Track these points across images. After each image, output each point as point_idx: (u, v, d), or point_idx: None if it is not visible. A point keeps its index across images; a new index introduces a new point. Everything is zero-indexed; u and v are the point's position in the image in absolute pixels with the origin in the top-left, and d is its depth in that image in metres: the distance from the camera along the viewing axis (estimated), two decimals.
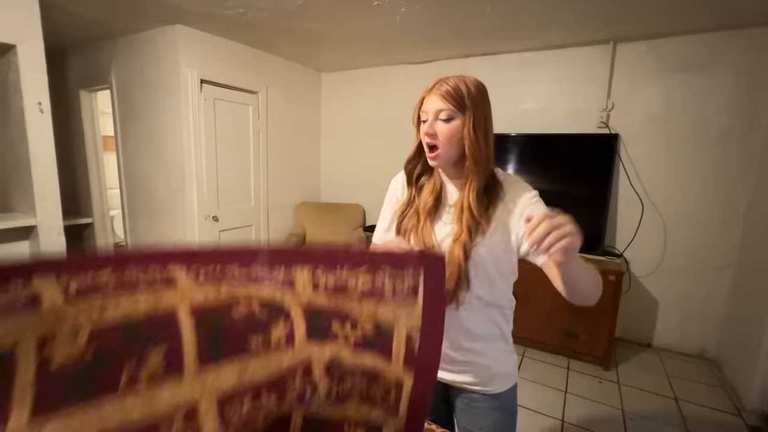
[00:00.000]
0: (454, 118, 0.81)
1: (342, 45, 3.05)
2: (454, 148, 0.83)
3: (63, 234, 2.23)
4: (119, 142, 3.18)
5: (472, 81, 0.84)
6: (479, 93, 0.83)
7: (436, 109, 0.82)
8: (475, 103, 0.81)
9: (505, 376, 0.93)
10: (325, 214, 3.83)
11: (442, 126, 0.82)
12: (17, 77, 2.00)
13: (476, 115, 0.81)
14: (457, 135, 0.82)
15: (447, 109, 0.81)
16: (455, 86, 0.81)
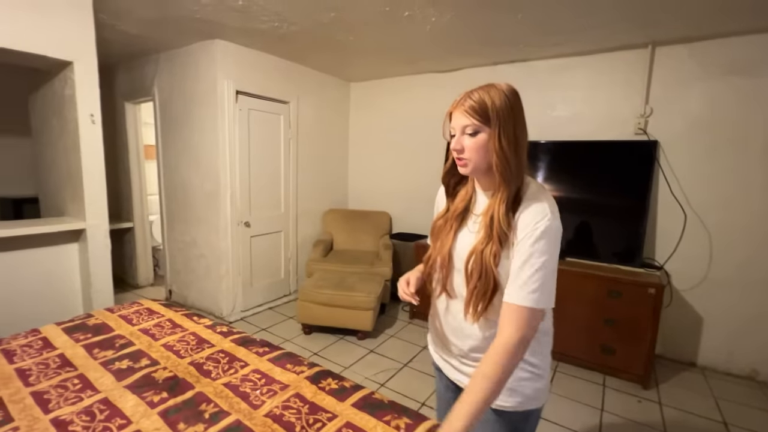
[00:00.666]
0: (479, 132, 0.82)
1: (370, 55, 3.10)
2: (483, 160, 0.84)
3: (109, 237, 2.37)
4: (160, 151, 3.35)
5: (500, 91, 0.82)
6: (507, 103, 0.81)
7: (462, 125, 0.84)
8: (501, 115, 0.80)
9: (523, 396, 0.89)
10: (352, 221, 3.87)
11: (468, 141, 0.84)
12: (73, 91, 2.16)
13: (503, 127, 0.80)
14: (484, 148, 0.83)
15: (472, 124, 0.82)
16: (479, 100, 0.82)
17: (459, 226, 0.93)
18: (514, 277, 0.79)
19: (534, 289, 0.77)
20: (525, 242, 0.78)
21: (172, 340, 1.36)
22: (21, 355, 1.22)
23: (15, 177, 3.50)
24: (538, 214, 0.80)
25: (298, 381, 1.13)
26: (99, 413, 0.96)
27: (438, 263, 0.94)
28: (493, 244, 0.82)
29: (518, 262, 0.78)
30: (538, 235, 0.78)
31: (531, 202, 0.82)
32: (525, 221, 0.80)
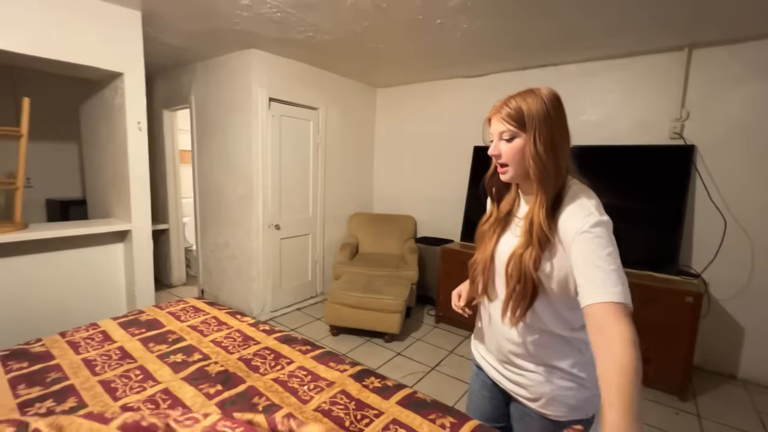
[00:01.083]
0: (516, 137, 0.84)
1: (398, 61, 3.15)
2: (520, 165, 0.85)
3: (151, 238, 2.49)
4: (195, 156, 3.49)
5: (538, 97, 0.83)
6: (544, 108, 0.82)
7: (499, 131, 0.87)
8: (537, 120, 0.81)
9: (566, 406, 0.88)
10: (377, 224, 3.91)
11: (505, 146, 0.86)
12: (122, 101, 2.29)
13: (538, 132, 0.81)
14: (520, 153, 0.84)
15: (507, 130, 0.84)
16: (516, 107, 0.83)
17: (503, 230, 0.94)
18: (588, 281, 0.73)
19: (614, 283, 0.71)
20: (581, 244, 0.75)
21: (220, 336, 1.43)
22: (85, 347, 1.31)
23: (62, 180, 3.72)
24: (581, 212, 0.78)
25: (342, 379, 1.17)
26: (162, 402, 1.03)
27: (480, 267, 0.96)
28: (533, 248, 0.81)
29: (583, 264, 0.74)
30: (594, 232, 0.74)
31: (571, 203, 0.81)
32: (568, 223, 0.79)
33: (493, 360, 0.99)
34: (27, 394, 1.04)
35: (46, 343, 1.33)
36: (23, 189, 2.11)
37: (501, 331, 0.93)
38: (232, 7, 2.16)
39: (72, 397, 1.04)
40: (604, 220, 0.77)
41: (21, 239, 1.97)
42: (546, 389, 0.88)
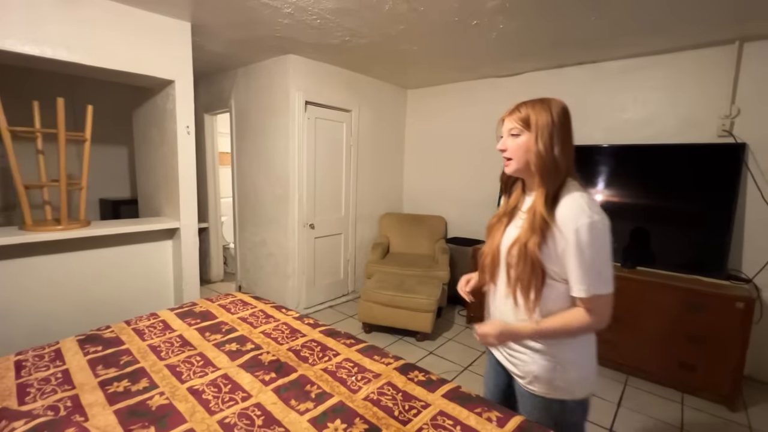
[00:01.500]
0: (521, 135, 0.95)
1: (431, 63, 3.18)
2: (522, 159, 0.96)
3: (197, 235, 2.64)
4: (234, 157, 3.65)
5: (547, 106, 0.94)
6: (549, 115, 0.93)
7: (508, 128, 0.98)
8: (541, 123, 0.92)
9: (550, 385, 0.97)
10: (407, 225, 3.95)
11: (511, 142, 0.97)
12: (173, 106, 2.44)
13: (540, 132, 0.92)
14: (523, 148, 0.95)
15: (515, 128, 0.96)
16: (525, 112, 0.95)
17: (508, 223, 1.03)
18: (573, 275, 0.88)
19: (584, 280, 0.87)
20: (572, 241, 0.87)
21: (269, 328, 1.51)
22: (149, 334, 1.43)
23: (113, 181, 3.98)
24: (576, 209, 0.88)
25: (388, 371, 1.22)
26: (223, 386, 1.11)
27: (489, 257, 1.04)
28: (535, 235, 0.90)
29: (573, 260, 0.87)
30: (583, 232, 0.86)
31: (568, 198, 0.91)
32: (565, 215, 0.89)
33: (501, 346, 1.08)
34: (105, 374, 1.15)
35: (115, 330, 1.45)
36: (86, 189, 2.29)
37: (501, 315, 1.03)
38: (275, 16, 2.26)
39: (144, 378, 1.14)
40: (596, 220, 0.87)
41: (86, 235, 2.14)
42: (532, 368, 0.98)
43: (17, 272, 2.03)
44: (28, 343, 1.93)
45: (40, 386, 1.08)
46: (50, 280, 2.13)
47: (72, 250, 2.20)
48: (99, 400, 1.03)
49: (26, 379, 1.12)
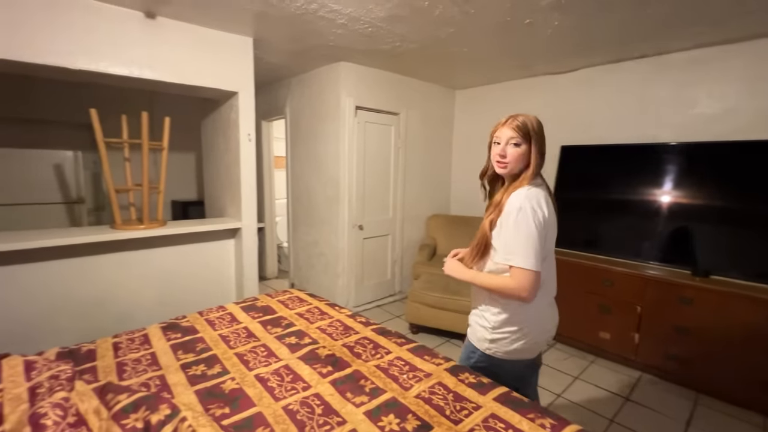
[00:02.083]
0: (521, 144, 1.14)
1: (481, 63, 3.14)
2: (517, 165, 1.16)
3: (257, 235, 2.83)
4: (289, 161, 3.86)
5: (534, 120, 1.17)
6: (539, 128, 1.16)
7: (508, 137, 1.15)
8: (536, 135, 1.15)
9: (472, 331, 1.29)
10: (454, 226, 3.93)
11: (512, 149, 1.15)
12: (237, 116, 2.65)
13: (536, 143, 1.15)
14: (521, 156, 1.15)
15: (515, 137, 1.14)
16: (523, 122, 1.14)
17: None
18: (501, 247, 1.13)
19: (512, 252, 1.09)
20: (505, 222, 1.12)
21: (323, 324, 1.60)
22: (219, 325, 1.58)
23: (183, 184, 4.38)
24: (516, 197, 1.11)
25: (438, 371, 1.25)
26: (285, 376, 1.21)
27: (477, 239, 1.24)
28: (492, 214, 1.16)
29: (503, 235, 1.12)
30: (513, 215, 1.09)
31: (519, 190, 1.13)
32: (509, 201, 1.13)
33: None
34: (185, 359, 1.30)
35: (190, 320, 1.62)
36: (163, 193, 2.56)
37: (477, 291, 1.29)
38: (329, 27, 2.37)
39: (217, 364, 1.27)
40: (526, 207, 1.09)
41: (163, 234, 2.39)
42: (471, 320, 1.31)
43: (109, 265, 2.32)
44: (119, 327, 2.20)
45: (134, 365, 1.25)
46: (134, 273, 2.41)
47: (151, 247, 2.47)
48: (182, 380, 1.16)
49: (122, 358, 1.29)
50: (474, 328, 1.27)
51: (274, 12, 2.17)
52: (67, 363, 1.21)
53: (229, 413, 1.01)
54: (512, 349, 1.18)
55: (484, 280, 1.16)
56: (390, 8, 2.10)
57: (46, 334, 2.08)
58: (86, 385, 1.05)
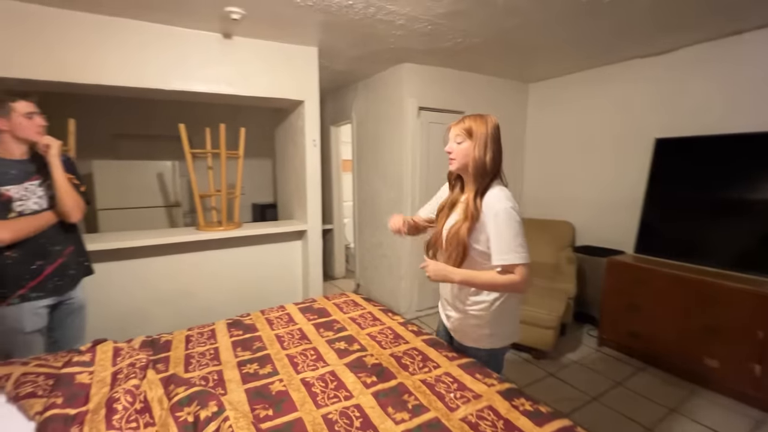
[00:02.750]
0: (463, 142, 1.22)
1: (556, 52, 2.86)
2: (463, 161, 1.23)
3: (321, 237, 2.94)
4: (355, 164, 3.95)
5: (484, 121, 1.22)
6: (485, 129, 1.20)
7: (454, 135, 1.25)
8: (479, 135, 1.20)
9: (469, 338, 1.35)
10: (527, 230, 3.58)
11: (456, 146, 1.24)
12: (303, 123, 2.78)
13: (478, 142, 1.20)
14: (464, 152, 1.22)
15: (459, 135, 1.23)
16: (468, 124, 1.22)
17: (451, 211, 1.31)
18: (494, 248, 1.16)
19: (506, 251, 1.14)
20: (492, 223, 1.16)
21: (374, 331, 1.58)
22: (277, 325, 1.65)
23: (262, 188, 4.76)
24: (495, 199, 1.17)
25: (489, 393, 1.14)
26: (330, 382, 1.21)
27: (434, 238, 1.34)
28: (467, 221, 1.19)
29: (493, 237, 1.16)
30: (500, 216, 1.14)
31: (492, 191, 1.20)
32: (488, 203, 1.18)
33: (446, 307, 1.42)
34: (242, 356, 1.38)
35: (253, 318, 1.73)
36: (240, 197, 2.79)
37: (442, 287, 1.40)
38: (389, 29, 2.35)
39: (269, 364, 1.32)
40: (509, 206, 1.15)
41: (238, 235, 2.61)
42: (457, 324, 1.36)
43: (195, 262, 2.60)
44: (202, 317, 2.45)
45: (199, 359, 1.36)
46: (214, 270, 2.67)
47: (228, 247, 2.71)
48: (236, 377, 1.24)
49: (191, 351, 1.42)
50: (464, 331, 1.35)
51: (335, 20, 2.22)
52: (146, 352, 1.37)
53: (272, 415, 1.04)
54: (509, 333, 1.32)
55: (485, 279, 1.18)
56: (449, 3, 2.01)
57: (141, 323, 2.40)
58: (156, 375, 1.17)
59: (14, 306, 1.47)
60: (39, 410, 1.02)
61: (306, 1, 1.98)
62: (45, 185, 1.54)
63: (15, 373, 1.17)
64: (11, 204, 1.44)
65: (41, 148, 1.50)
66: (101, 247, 2.15)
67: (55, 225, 1.55)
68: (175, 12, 2.11)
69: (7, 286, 1.45)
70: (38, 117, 1.50)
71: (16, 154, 1.50)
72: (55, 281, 1.56)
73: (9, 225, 1.41)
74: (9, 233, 1.40)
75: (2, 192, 1.42)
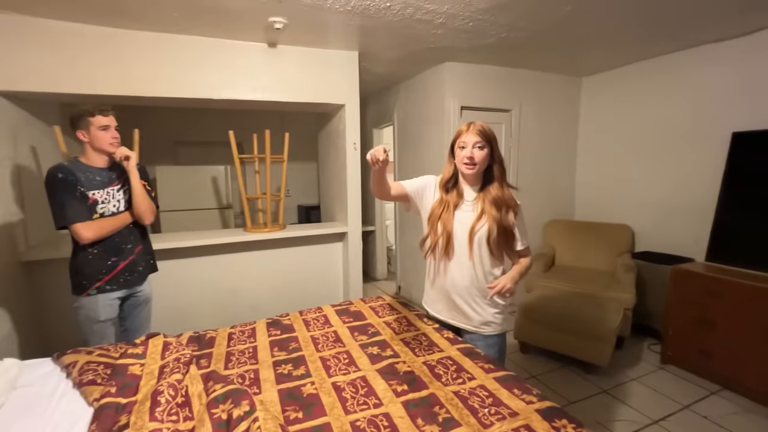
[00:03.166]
0: (484, 147, 1.32)
1: (611, 40, 2.64)
2: (483, 165, 1.34)
3: (361, 239, 2.96)
4: (396, 166, 3.94)
5: (489, 127, 1.34)
6: (494, 134, 1.34)
7: (473, 141, 1.31)
8: (494, 140, 1.34)
9: (493, 326, 1.46)
10: (579, 234, 3.40)
11: (477, 152, 1.32)
12: (344, 126, 2.82)
13: (495, 146, 1.35)
14: (486, 157, 1.33)
15: (480, 141, 1.31)
16: (483, 128, 1.32)
17: (455, 209, 1.39)
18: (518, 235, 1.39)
19: (526, 236, 1.42)
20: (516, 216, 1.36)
21: (408, 336, 1.55)
22: (313, 326, 1.68)
23: (306, 190, 4.90)
24: (514, 196, 1.39)
25: (527, 412, 1.06)
26: (360, 388, 1.20)
27: (445, 236, 1.38)
28: (507, 213, 1.35)
29: (517, 226, 1.38)
30: (520, 209, 1.39)
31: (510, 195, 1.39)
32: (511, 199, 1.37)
33: (441, 305, 1.57)
34: (278, 356, 1.42)
35: (291, 318, 1.77)
36: (284, 199, 2.89)
37: (461, 278, 1.41)
38: (428, 29, 2.31)
39: (303, 365, 1.34)
40: (519, 204, 1.39)
41: (281, 236, 2.70)
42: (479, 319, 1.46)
43: (242, 262, 2.73)
44: (246, 314, 2.57)
45: (239, 356, 1.42)
46: (260, 269, 2.79)
47: (273, 248, 2.81)
48: (270, 377, 1.27)
49: (232, 348, 1.48)
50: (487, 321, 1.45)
51: (373, 23, 2.22)
52: (192, 347, 1.45)
53: (302, 418, 1.05)
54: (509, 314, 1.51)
55: (523, 268, 1.43)
56: None
57: (195, 317, 2.57)
58: (197, 370, 1.23)
59: (92, 297, 1.65)
60: (96, 397, 1.11)
61: (345, 6, 2.00)
62: (122, 190, 1.73)
63: (80, 361, 1.29)
64: (96, 206, 1.63)
65: (120, 158, 1.68)
66: (163, 246, 2.33)
67: (127, 225, 1.73)
68: (224, 26, 2.23)
69: (87, 278, 1.64)
70: (113, 130, 1.67)
71: (99, 163, 1.69)
72: (125, 276, 1.73)
73: (93, 225, 1.60)
74: (92, 232, 1.59)
75: (89, 196, 1.61)
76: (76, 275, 1.65)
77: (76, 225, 1.55)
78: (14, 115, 2.16)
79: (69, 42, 2.10)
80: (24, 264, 2.12)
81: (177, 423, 1.01)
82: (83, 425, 1.03)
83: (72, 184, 1.56)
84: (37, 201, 2.24)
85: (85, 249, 1.63)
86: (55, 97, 2.27)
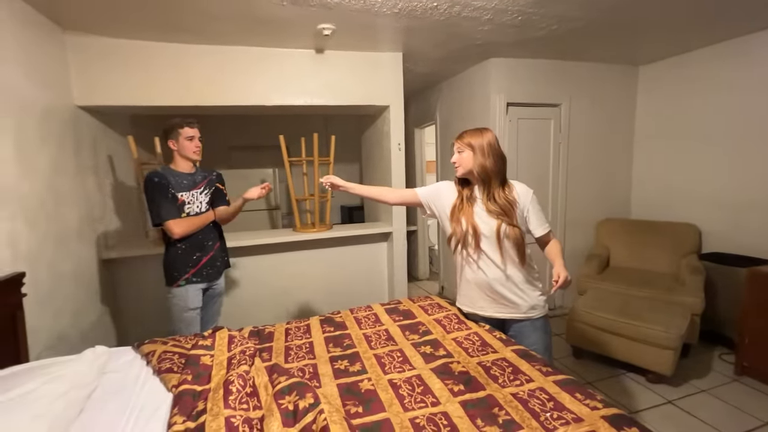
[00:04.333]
0: (463, 151, 1.49)
1: (673, 26, 2.46)
2: (466, 167, 1.48)
3: (405, 239, 2.98)
4: (439, 166, 3.91)
5: (482, 134, 1.47)
6: (481, 140, 1.46)
7: (456, 147, 1.51)
8: (476, 145, 1.45)
9: (539, 308, 1.55)
10: (637, 233, 3.20)
11: (458, 156, 1.50)
12: (388, 127, 2.85)
13: (477, 151, 1.45)
14: (466, 160, 1.48)
15: (460, 146, 1.50)
16: (468, 138, 1.48)
17: (472, 205, 1.49)
18: (536, 223, 1.50)
19: (545, 222, 1.53)
20: (530, 204, 1.49)
21: (460, 336, 1.54)
22: (365, 324, 1.72)
23: None
24: (524, 187, 1.51)
25: (593, 418, 1.02)
26: (416, 386, 1.21)
27: (471, 231, 1.46)
28: (511, 215, 1.44)
29: (534, 214, 1.50)
30: (534, 198, 1.51)
31: (514, 184, 1.51)
32: (522, 192, 1.49)
33: (485, 301, 1.57)
34: (333, 352, 1.47)
35: (342, 316, 1.82)
36: (330, 201, 2.97)
37: (495, 270, 1.49)
38: (474, 26, 2.28)
39: (358, 362, 1.38)
40: (530, 190, 1.52)
41: (328, 236, 2.78)
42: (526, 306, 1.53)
43: (293, 261, 2.84)
44: (297, 312, 2.68)
45: (297, 351, 1.48)
46: (308, 268, 2.89)
47: (321, 247, 2.90)
48: (328, 372, 1.31)
49: (289, 343, 1.56)
50: (533, 305, 1.52)
51: (419, 24, 2.23)
52: (253, 340, 1.54)
53: (362, 413, 1.08)
54: None
55: (561, 255, 1.48)
56: None
57: (253, 313, 2.70)
58: (261, 363, 1.31)
59: (182, 287, 1.85)
60: (175, 384, 1.21)
61: (392, 9, 2.02)
62: (203, 193, 1.93)
63: (158, 350, 1.41)
64: (183, 207, 1.83)
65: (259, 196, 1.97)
66: None
67: (208, 225, 1.93)
68: (275, 35, 2.34)
69: (178, 271, 1.85)
70: (196, 140, 1.87)
71: (186, 168, 1.89)
72: (207, 270, 1.93)
73: (182, 222, 1.80)
74: (181, 229, 1.78)
75: (178, 197, 1.81)
76: (169, 269, 1.85)
77: (169, 222, 1.75)
78: (94, 128, 2.39)
79: (139, 58, 2.30)
80: (104, 261, 2.35)
81: (248, 411, 1.08)
82: (165, 409, 1.13)
83: (165, 187, 1.76)
84: (115, 205, 2.47)
85: (174, 245, 1.84)
86: (127, 110, 2.50)
